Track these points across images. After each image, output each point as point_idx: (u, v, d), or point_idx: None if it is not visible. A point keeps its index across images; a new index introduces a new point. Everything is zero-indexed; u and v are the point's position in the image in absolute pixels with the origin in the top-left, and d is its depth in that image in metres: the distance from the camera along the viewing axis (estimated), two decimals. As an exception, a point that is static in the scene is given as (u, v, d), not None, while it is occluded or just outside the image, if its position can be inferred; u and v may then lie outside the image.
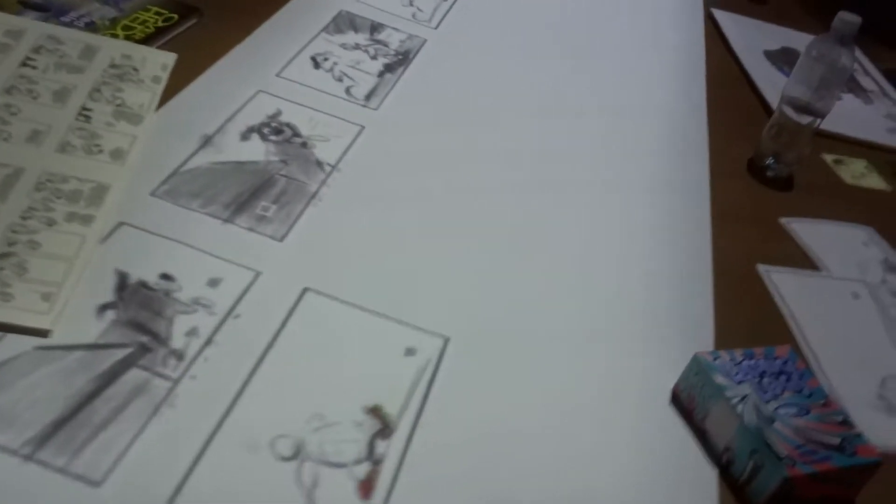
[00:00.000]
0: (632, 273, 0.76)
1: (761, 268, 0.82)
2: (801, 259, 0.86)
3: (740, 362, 0.64)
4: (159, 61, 0.81)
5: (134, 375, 0.54)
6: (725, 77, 1.20)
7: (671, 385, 0.65)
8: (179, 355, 0.56)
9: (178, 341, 0.57)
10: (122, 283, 0.60)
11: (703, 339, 0.71)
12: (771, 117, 0.98)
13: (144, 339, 0.56)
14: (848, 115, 1.16)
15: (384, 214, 0.74)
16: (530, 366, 0.64)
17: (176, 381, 0.54)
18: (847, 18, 0.87)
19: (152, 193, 0.68)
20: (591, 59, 1.13)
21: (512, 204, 0.81)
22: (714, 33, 1.33)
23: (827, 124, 0.97)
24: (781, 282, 0.81)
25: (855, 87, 1.27)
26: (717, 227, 0.86)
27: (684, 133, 1.01)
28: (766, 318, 0.77)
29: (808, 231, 0.90)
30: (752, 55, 1.26)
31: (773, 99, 1.08)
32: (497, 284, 0.71)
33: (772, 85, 1.16)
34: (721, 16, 1.37)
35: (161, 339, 0.57)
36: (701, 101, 1.10)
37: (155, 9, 0.90)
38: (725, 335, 0.71)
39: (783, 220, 0.91)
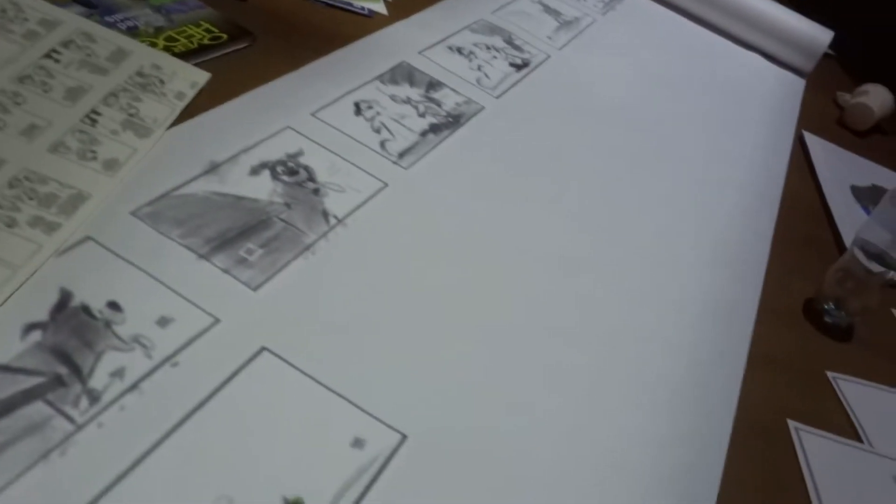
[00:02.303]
0: (634, 411, 0.67)
1: (792, 424, 0.72)
2: (842, 424, 0.75)
3: (735, 539, 0.54)
4: (189, 78, 0.78)
5: (35, 410, 0.48)
6: (804, 206, 1.11)
7: (651, 547, 0.56)
8: (95, 397, 0.50)
9: (98, 380, 0.51)
10: (62, 303, 0.54)
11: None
12: (839, 258, 0.88)
13: (63, 370, 0.50)
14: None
15: (377, 284, 0.67)
16: (491, 491, 0.55)
17: (79, 427, 0.48)
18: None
19: (133, 213, 0.63)
20: (656, 159, 1.05)
21: (526, 302, 0.73)
22: (802, 158, 1.24)
23: (904, 277, 0.86)
24: (812, 446, 0.70)
25: (946, 242, 1.16)
26: (751, 369, 0.76)
27: (740, 257, 0.92)
28: (784, 489, 0.66)
29: (856, 393, 0.79)
30: (838, 188, 1.16)
31: (851, 238, 0.98)
32: (482, 387, 0.63)
33: (851, 223, 1.06)
34: (812, 140, 1.27)
35: (81, 375, 0.51)
36: (769, 227, 1.00)
37: (206, 25, 0.87)
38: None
39: (831, 375, 0.81)
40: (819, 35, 1.51)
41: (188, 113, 0.75)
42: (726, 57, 1.48)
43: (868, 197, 1.17)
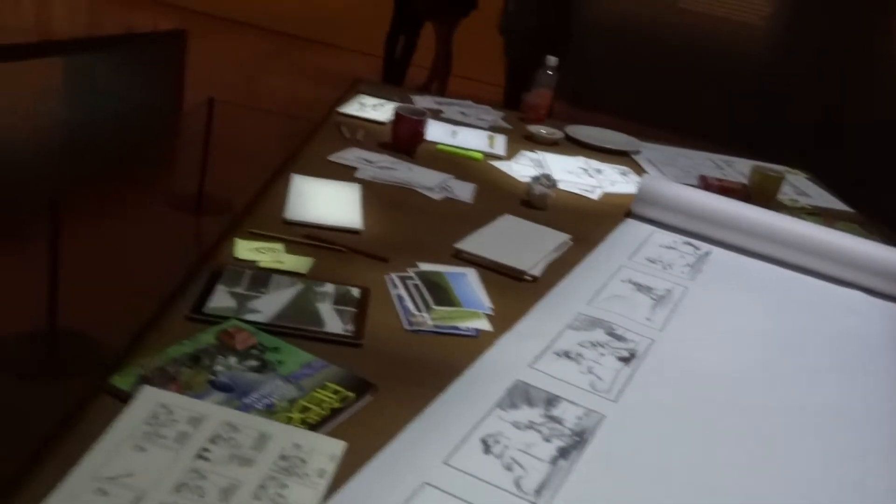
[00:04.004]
0: None
1: None
2: None
3: None
4: (328, 451, 0.81)
5: None
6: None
7: None
8: None
9: None
10: None
11: None
12: None
13: None
14: None
15: None
16: None
17: None
18: None
19: None
20: (789, 439, 1.02)
21: None
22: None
23: None
24: None
25: None
26: None
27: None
28: None
29: None
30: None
31: None
32: None
33: None
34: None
35: None
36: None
37: (333, 386, 0.91)
38: None
39: None
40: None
41: (331, 486, 0.77)
42: (827, 298, 1.47)
43: None
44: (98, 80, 4.34)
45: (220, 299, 1.05)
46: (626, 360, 1.12)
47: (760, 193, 1.90)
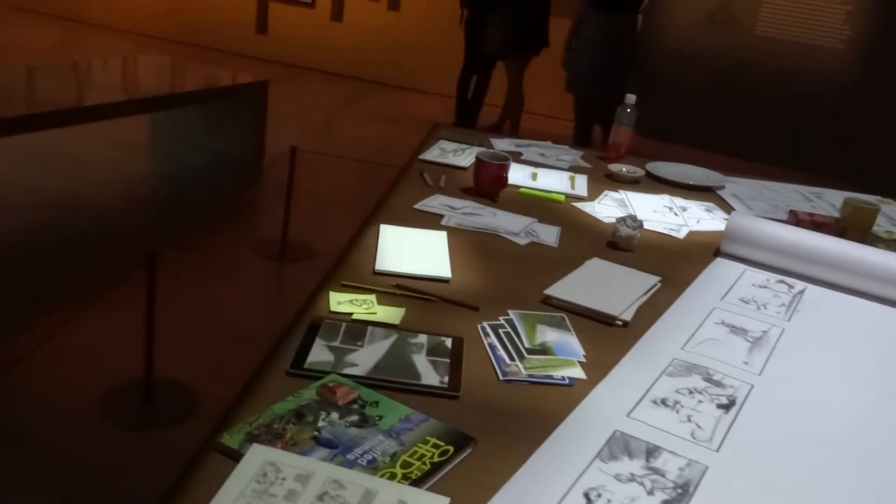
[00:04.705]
0: None
1: None
2: None
3: None
4: (432, 508, 0.81)
5: None
6: None
7: None
8: None
9: None
10: None
11: None
12: None
13: None
14: None
15: None
16: None
17: None
18: None
19: None
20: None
21: None
22: None
23: None
24: None
25: None
26: None
27: None
28: None
29: None
30: None
31: None
32: None
33: None
34: None
35: None
36: None
37: (433, 440, 0.92)
38: None
39: None
40: None
41: (436, 545, 0.78)
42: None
43: None
44: (183, 133, 4.51)
45: (319, 353, 1.08)
46: (725, 407, 1.10)
47: (854, 227, 1.85)
